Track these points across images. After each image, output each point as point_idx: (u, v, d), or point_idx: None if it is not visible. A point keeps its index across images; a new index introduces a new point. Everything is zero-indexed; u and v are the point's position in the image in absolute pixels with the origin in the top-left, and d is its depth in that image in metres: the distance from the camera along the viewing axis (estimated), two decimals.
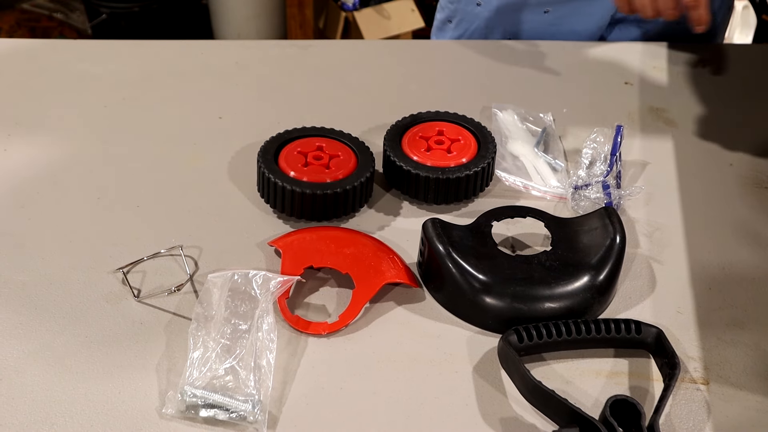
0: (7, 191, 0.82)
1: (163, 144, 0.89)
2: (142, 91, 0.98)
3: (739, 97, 1.01)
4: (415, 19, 2.51)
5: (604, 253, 0.69)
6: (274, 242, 0.74)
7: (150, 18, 2.46)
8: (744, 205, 0.83)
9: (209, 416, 0.60)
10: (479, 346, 0.67)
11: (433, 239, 0.70)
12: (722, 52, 1.11)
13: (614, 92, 1.01)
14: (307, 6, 2.47)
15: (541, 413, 0.62)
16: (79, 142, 0.89)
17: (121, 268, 0.72)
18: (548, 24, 1.11)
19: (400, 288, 0.72)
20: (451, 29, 1.19)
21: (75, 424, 0.60)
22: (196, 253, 0.75)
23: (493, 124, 0.91)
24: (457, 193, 0.80)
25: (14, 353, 0.65)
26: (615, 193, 0.80)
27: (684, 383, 0.65)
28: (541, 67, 1.06)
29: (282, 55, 1.07)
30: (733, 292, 0.73)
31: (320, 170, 0.78)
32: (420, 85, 1.02)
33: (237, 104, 0.96)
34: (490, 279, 0.68)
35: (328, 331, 0.67)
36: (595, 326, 0.66)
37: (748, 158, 0.90)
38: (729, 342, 0.68)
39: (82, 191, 0.82)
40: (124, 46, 1.08)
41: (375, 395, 0.63)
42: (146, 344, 0.66)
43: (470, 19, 1.15)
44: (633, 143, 0.91)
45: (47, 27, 2.60)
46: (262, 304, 0.66)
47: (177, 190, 0.83)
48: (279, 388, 0.63)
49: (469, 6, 1.14)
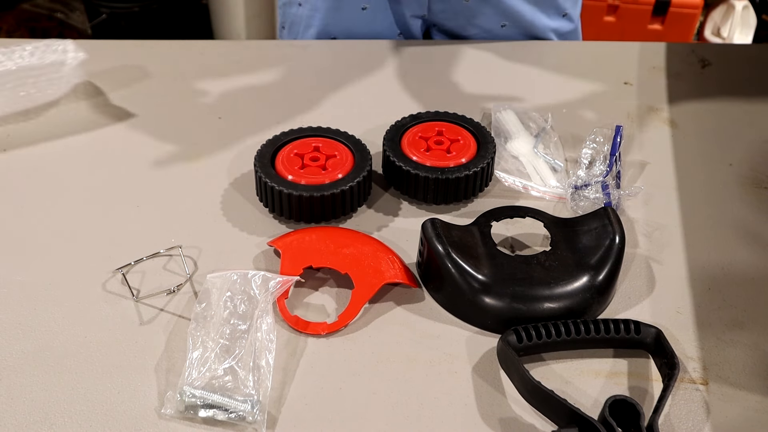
0: (7, 191, 0.82)
1: (163, 144, 0.89)
2: (142, 91, 0.98)
3: (739, 97, 1.01)
4: None
5: (604, 253, 0.69)
6: (273, 242, 0.74)
7: (150, 18, 2.46)
8: (744, 205, 0.83)
9: (208, 416, 0.60)
10: (478, 346, 0.67)
11: (433, 239, 0.70)
12: (722, 52, 1.11)
13: (614, 92, 1.01)
14: None
15: (540, 413, 0.62)
16: (78, 142, 0.89)
17: (121, 268, 0.72)
18: (370, 22, 1.11)
19: (400, 288, 0.72)
20: (286, 34, 1.19)
21: (74, 424, 0.60)
22: (195, 253, 0.75)
23: (493, 124, 0.91)
24: (456, 194, 0.80)
25: (14, 353, 0.65)
26: (614, 194, 0.80)
27: (683, 383, 0.65)
28: (541, 67, 1.06)
29: (282, 55, 1.07)
30: (733, 292, 0.73)
31: (317, 171, 0.78)
32: (420, 85, 1.02)
33: (237, 104, 0.96)
34: (490, 279, 0.68)
35: (328, 332, 0.67)
36: (595, 326, 0.66)
37: (748, 158, 0.90)
38: (728, 342, 0.68)
39: (82, 191, 0.82)
40: (124, 46, 1.08)
41: (374, 395, 0.63)
42: (145, 344, 0.66)
43: (297, 21, 1.15)
44: (633, 143, 0.91)
45: (47, 27, 2.60)
46: (261, 304, 0.66)
47: (177, 190, 0.83)
48: (278, 389, 0.63)
49: (292, 8, 1.15)
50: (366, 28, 1.12)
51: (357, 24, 1.12)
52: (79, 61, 0.93)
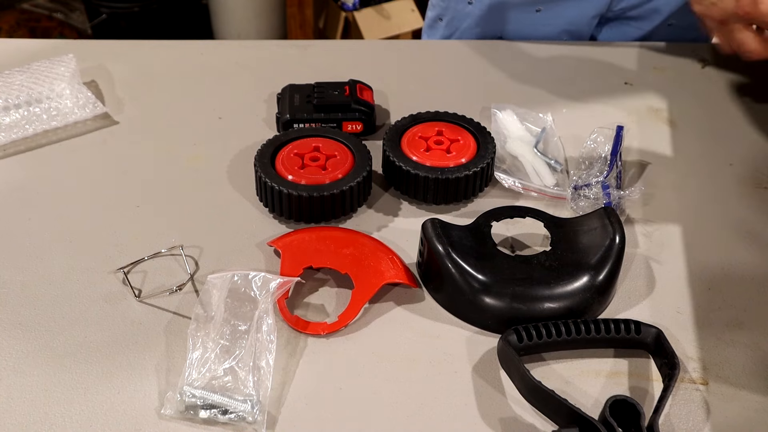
0: (6, 191, 0.82)
1: (163, 144, 0.89)
2: (142, 91, 0.98)
3: (739, 97, 1.01)
4: (415, 19, 2.50)
5: (604, 253, 0.69)
6: (273, 242, 0.74)
7: (150, 18, 2.46)
8: (744, 205, 0.83)
9: (208, 417, 0.60)
10: (479, 346, 0.67)
11: (433, 239, 0.70)
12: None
13: (614, 92, 1.01)
14: (307, 6, 2.47)
15: (540, 413, 0.62)
16: (78, 141, 0.89)
17: (122, 268, 0.72)
18: (539, 23, 1.11)
19: (400, 288, 0.72)
20: (442, 27, 1.19)
21: (74, 425, 0.60)
22: (196, 253, 0.75)
23: (493, 125, 0.91)
24: (456, 194, 0.80)
25: (14, 353, 0.65)
26: (614, 194, 0.80)
27: (683, 383, 0.65)
28: (541, 67, 1.06)
29: (282, 55, 1.07)
30: (733, 292, 0.73)
31: (317, 171, 0.78)
32: (420, 85, 1.02)
33: (237, 104, 0.96)
34: (490, 279, 0.68)
35: (328, 332, 0.67)
36: (595, 326, 0.66)
37: (748, 158, 0.90)
38: (728, 342, 0.68)
39: (82, 191, 0.82)
40: (124, 46, 1.08)
41: (374, 395, 0.63)
42: (145, 345, 0.66)
43: (461, 18, 1.15)
44: (633, 143, 0.91)
45: (47, 27, 2.60)
46: (261, 305, 0.66)
47: (177, 190, 0.83)
48: (278, 389, 0.63)
49: (459, 4, 1.14)
50: (535, 30, 1.12)
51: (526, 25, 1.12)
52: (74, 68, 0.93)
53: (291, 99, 0.90)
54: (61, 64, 0.93)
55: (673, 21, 1.11)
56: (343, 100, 0.88)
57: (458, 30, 1.16)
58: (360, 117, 0.88)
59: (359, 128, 0.89)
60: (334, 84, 0.91)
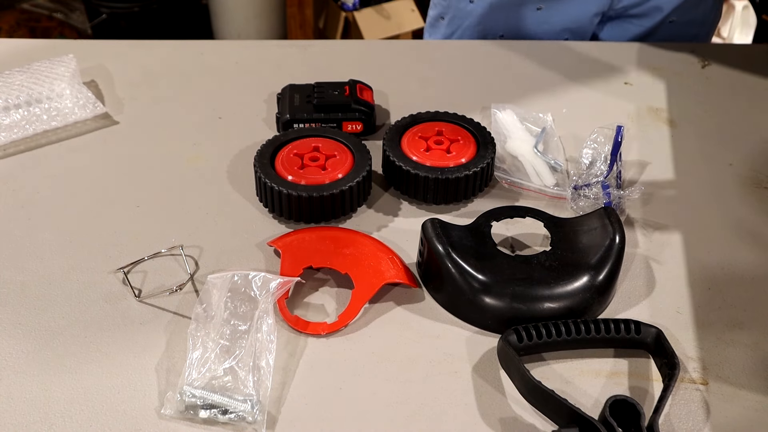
0: (6, 191, 0.82)
1: (163, 144, 0.89)
2: (142, 91, 0.98)
3: (739, 97, 1.01)
4: (415, 19, 2.50)
5: (604, 253, 0.69)
6: (273, 242, 0.74)
7: (150, 18, 2.46)
8: (744, 205, 0.83)
9: (208, 417, 0.60)
10: (479, 346, 0.67)
11: (433, 239, 0.70)
12: (722, 52, 1.11)
13: (614, 92, 1.01)
14: (307, 6, 2.47)
15: (540, 413, 0.62)
16: (78, 141, 0.89)
17: (122, 267, 0.72)
18: (540, 21, 1.11)
19: (400, 288, 0.72)
20: (444, 26, 1.19)
21: (74, 424, 0.60)
22: (196, 252, 0.75)
23: (493, 124, 0.91)
24: (456, 193, 0.80)
25: (14, 353, 0.65)
26: (614, 193, 0.80)
27: (683, 383, 0.65)
28: (541, 67, 1.06)
29: (282, 55, 1.07)
30: (733, 292, 0.73)
31: (317, 171, 0.78)
32: (420, 85, 1.02)
33: (237, 104, 0.96)
34: (490, 279, 0.68)
35: (328, 332, 0.67)
36: (595, 326, 0.66)
37: (748, 158, 0.90)
38: (728, 342, 0.68)
39: (82, 191, 0.82)
40: (124, 46, 1.08)
41: (374, 395, 0.63)
42: (145, 345, 0.66)
43: (462, 16, 1.15)
44: (633, 143, 0.91)
45: (47, 27, 2.60)
46: (261, 305, 0.66)
47: (177, 190, 0.83)
48: (278, 389, 0.63)
49: (461, 3, 1.14)
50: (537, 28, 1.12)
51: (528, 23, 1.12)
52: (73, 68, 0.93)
53: (291, 99, 0.90)
54: (61, 64, 0.93)
55: (675, 17, 1.12)
56: (343, 100, 0.88)
57: (460, 28, 1.16)
58: (360, 117, 0.88)
59: (359, 128, 0.89)
60: (334, 84, 0.91)
